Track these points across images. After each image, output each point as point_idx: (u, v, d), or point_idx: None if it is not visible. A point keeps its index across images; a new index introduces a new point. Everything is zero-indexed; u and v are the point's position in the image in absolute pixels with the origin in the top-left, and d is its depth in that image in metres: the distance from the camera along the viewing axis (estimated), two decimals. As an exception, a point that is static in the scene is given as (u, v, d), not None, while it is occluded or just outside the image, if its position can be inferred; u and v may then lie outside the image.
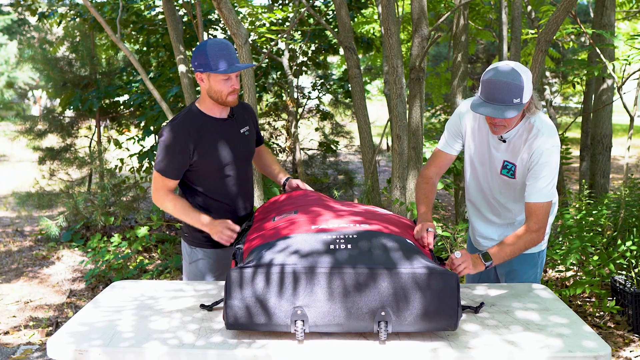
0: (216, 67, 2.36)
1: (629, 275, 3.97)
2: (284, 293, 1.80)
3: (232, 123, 2.56)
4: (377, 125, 8.79)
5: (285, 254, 1.87)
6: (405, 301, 1.78)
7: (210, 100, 2.48)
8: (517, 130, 2.35)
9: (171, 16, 5.15)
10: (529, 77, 2.21)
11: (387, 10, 4.06)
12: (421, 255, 1.89)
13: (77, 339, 1.88)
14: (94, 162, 6.46)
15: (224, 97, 2.43)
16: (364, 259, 1.82)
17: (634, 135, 14.84)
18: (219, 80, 2.40)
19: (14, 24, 24.16)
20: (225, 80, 2.40)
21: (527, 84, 2.18)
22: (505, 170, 2.42)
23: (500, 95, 2.16)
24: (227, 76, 2.39)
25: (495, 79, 2.17)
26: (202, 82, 2.44)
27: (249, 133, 2.62)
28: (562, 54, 9.68)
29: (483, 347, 1.80)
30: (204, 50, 2.37)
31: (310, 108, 8.04)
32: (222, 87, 2.41)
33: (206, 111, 2.51)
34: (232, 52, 2.40)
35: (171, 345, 1.83)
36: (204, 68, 2.38)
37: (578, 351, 1.78)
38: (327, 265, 1.80)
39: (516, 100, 2.16)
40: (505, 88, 2.15)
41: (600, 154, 5.90)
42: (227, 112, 2.55)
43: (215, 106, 2.50)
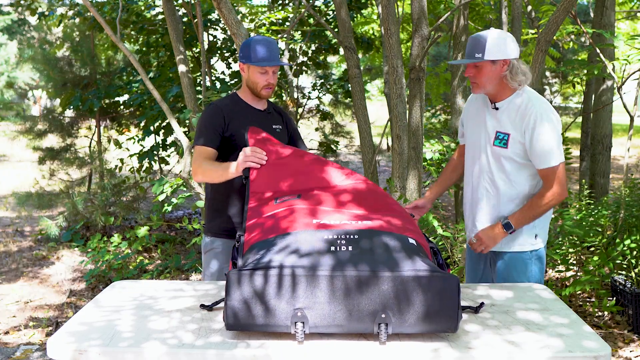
0: (256, 60, 2.58)
1: (629, 275, 3.97)
2: (283, 295, 1.79)
3: (266, 116, 2.74)
4: (377, 125, 8.78)
5: (285, 253, 1.86)
6: (406, 303, 1.78)
7: (248, 90, 2.69)
8: (510, 98, 2.52)
9: (171, 16, 5.15)
10: (496, 39, 2.43)
11: (387, 10, 4.06)
12: (422, 256, 1.88)
13: (77, 339, 1.88)
14: (94, 162, 6.47)
15: (259, 89, 2.64)
16: (366, 260, 1.82)
17: (634, 135, 14.84)
18: (257, 72, 2.61)
19: (14, 24, 24.16)
20: (262, 74, 2.61)
21: (491, 43, 2.42)
22: (497, 140, 2.54)
23: (468, 49, 2.49)
24: (264, 69, 2.60)
25: (471, 37, 2.50)
26: (243, 72, 2.67)
27: (280, 131, 2.77)
28: (562, 54, 9.68)
29: (484, 347, 1.80)
30: (249, 43, 2.60)
31: (310, 108, 8.04)
32: (259, 79, 2.62)
33: (244, 99, 2.72)
34: (274, 49, 2.61)
35: (170, 345, 1.82)
36: (246, 59, 2.59)
37: (578, 351, 1.78)
38: (328, 268, 1.79)
39: (478, 54, 2.43)
40: (471, 42, 2.47)
41: (600, 154, 5.90)
42: (264, 106, 2.75)
43: (252, 96, 2.71)
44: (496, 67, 2.46)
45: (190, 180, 4.39)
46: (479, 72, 2.48)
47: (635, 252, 3.98)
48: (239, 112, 2.66)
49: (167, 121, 6.02)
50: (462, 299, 2.16)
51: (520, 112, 2.47)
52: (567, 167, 9.34)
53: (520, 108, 2.47)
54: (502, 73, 2.48)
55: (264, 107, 2.75)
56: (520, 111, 2.47)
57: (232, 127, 2.61)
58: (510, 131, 2.49)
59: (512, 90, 2.51)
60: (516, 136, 2.47)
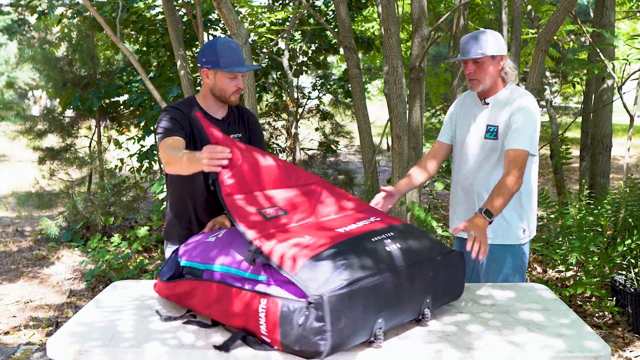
0: (225, 65, 2.40)
1: (629, 275, 3.97)
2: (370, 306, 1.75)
3: (224, 126, 2.55)
4: (377, 125, 8.79)
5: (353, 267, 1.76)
6: (441, 282, 1.98)
7: (212, 97, 2.50)
8: (500, 93, 2.62)
9: (171, 16, 5.15)
10: (495, 37, 2.55)
11: (387, 10, 4.06)
12: (434, 238, 2.09)
13: (77, 339, 1.88)
14: (94, 162, 6.46)
15: (228, 96, 2.47)
16: (411, 253, 1.92)
17: (634, 135, 14.84)
18: (225, 78, 2.44)
19: (14, 24, 24.16)
20: (232, 79, 2.44)
21: (489, 40, 2.53)
22: (488, 134, 2.63)
23: (467, 47, 2.56)
24: (233, 75, 2.43)
25: (465, 36, 2.58)
26: (207, 78, 2.46)
27: (238, 140, 2.53)
28: (562, 53, 9.68)
29: (485, 348, 1.81)
30: (214, 47, 2.41)
31: (310, 108, 8.04)
32: (228, 85, 2.45)
33: (205, 107, 2.53)
34: (241, 53, 2.45)
35: (171, 346, 1.82)
36: (212, 65, 2.41)
37: (578, 351, 1.78)
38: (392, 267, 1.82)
39: (480, 50, 2.52)
40: (471, 41, 2.54)
41: (600, 154, 5.90)
42: (225, 114, 2.57)
43: (215, 104, 2.52)
44: (495, 63, 2.57)
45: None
46: (479, 68, 2.56)
47: (635, 252, 3.98)
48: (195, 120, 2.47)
49: (167, 121, 6.01)
50: (461, 300, 2.18)
51: (507, 102, 2.59)
52: (567, 167, 9.29)
53: (509, 99, 2.60)
54: (499, 68, 2.59)
55: (223, 115, 2.55)
56: (508, 102, 2.59)
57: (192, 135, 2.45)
58: (499, 123, 2.59)
59: (501, 86, 2.63)
60: (503, 125, 2.58)
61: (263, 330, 1.76)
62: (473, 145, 2.67)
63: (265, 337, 1.76)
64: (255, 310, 1.76)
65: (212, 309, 1.91)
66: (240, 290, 1.82)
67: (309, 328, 1.66)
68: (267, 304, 1.74)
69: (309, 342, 1.67)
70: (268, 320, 1.74)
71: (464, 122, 2.73)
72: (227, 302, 1.86)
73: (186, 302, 2.02)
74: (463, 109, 2.77)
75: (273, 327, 1.73)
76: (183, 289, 2.01)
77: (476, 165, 2.66)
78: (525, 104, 2.55)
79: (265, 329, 1.75)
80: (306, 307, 1.67)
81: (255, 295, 1.78)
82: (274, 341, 1.75)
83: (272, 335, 1.74)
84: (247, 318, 1.79)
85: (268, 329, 1.74)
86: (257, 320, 1.76)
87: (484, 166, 2.65)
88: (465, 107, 2.76)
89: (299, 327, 1.68)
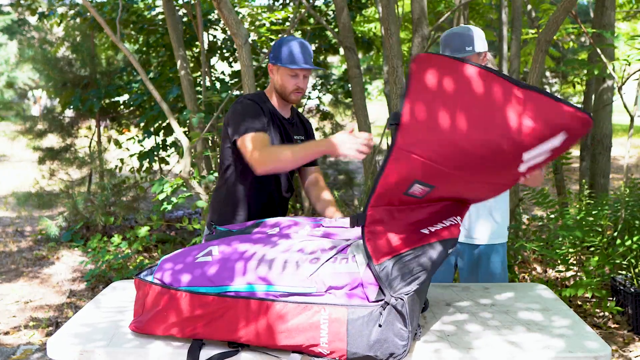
0: (286, 61, 2.42)
1: (629, 275, 3.97)
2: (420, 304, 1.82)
3: (290, 126, 2.57)
4: (377, 125, 8.77)
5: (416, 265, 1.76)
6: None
7: (276, 94, 2.53)
8: None
9: (171, 16, 5.15)
10: (479, 32, 2.55)
11: (387, 10, 4.06)
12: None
13: (78, 339, 1.88)
14: (94, 162, 6.46)
15: (287, 93, 2.48)
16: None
17: (634, 135, 14.84)
18: (286, 74, 2.45)
19: (14, 24, 24.15)
20: (292, 77, 2.45)
21: (476, 36, 2.51)
22: None
23: (454, 44, 2.50)
24: (294, 72, 2.44)
25: (449, 33, 2.54)
26: (272, 73, 2.50)
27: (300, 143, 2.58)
28: (562, 53, 9.67)
29: (485, 348, 1.81)
30: (281, 42, 2.45)
31: (310, 108, 8.03)
32: (288, 82, 2.46)
33: (272, 102, 2.55)
34: (307, 53, 2.45)
35: (174, 346, 1.82)
36: (275, 60, 2.45)
37: (579, 351, 1.78)
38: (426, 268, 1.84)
39: (468, 48, 2.49)
40: (457, 38, 2.50)
41: (600, 154, 5.90)
42: (289, 114, 2.58)
43: (280, 101, 2.54)
44: (481, 60, 2.56)
45: (190, 180, 4.39)
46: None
47: (635, 252, 3.98)
48: (268, 115, 2.47)
49: (167, 121, 6.02)
50: (460, 299, 2.18)
51: None
52: (567, 167, 9.33)
53: None
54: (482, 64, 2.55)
55: (288, 115, 2.57)
56: None
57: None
58: None
59: None
60: None
61: (324, 343, 1.69)
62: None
63: (325, 349, 1.70)
64: (316, 323, 1.69)
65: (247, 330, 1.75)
66: (297, 304, 1.71)
67: (388, 330, 1.66)
68: (329, 314, 1.69)
69: (386, 344, 1.66)
70: (331, 331, 1.68)
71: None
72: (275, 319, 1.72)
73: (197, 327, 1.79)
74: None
75: (337, 337, 1.68)
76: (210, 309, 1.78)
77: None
78: None
79: (327, 340, 1.69)
80: (382, 309, 1.66)
81: (314, 307, 1.70)
82: (337, 351, 1.69)
83: (335, 346, 1.69)
84: (305, 332, 1.70)
85: (330, 340, 1.68)
86: (317, 333, 1.69)
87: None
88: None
89: (374, 331, 1.66)
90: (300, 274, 1.76)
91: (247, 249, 1.89)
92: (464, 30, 2.54)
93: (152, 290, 1.86)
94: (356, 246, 1.87)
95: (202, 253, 1.91)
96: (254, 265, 1.81)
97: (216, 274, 1.82)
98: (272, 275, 1.77)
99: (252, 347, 1.80)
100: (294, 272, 1.77)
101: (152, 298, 1.86)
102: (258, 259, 1.84)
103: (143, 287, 1.90)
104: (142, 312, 1.89)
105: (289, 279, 1.75)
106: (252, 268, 1.81)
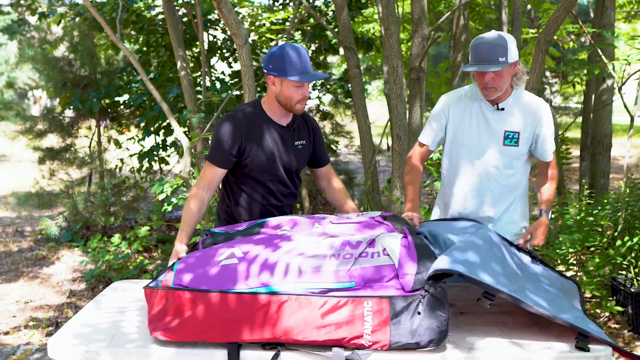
0: (292, 74, 2.35)
1: (629, 275, 3.97)
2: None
3: (289, 133, 2.53)
4: (377, 125, 8.77)
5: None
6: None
7: (277, 104, 2.47)
8: (512, 98, 2.56)
9: (171, 16, 5.15)
10: (513, 42, 2.44)
11: (387, 10, 4.06)
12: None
13: (78, 339, 1.87)
14: (94, 162, 6.46)
15: (293, 104, 2.43)
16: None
17: (634, 135, 14.84)
18: (292, 86, 2.39)
19: (14, 24, 24.14)
20: (298, 87, 2.39)
21: (511, 45, 2.41)
22: (507, 140, 2.56)
23: (487, 55, 2.38)
24: (300, 84, 2.38)
25: (481, 42, 2.41)
26: (274, 85, 2.42)
27: (302, 147, 2.58)
28: (563, 53, 9.67)
29: (487, 348, 1.81)
30: (282, 54, 2.36)
31: (310, 108, 8.03)
32: (294, 93, 2.40)
33: (269, 112, 2.50)
34: (307, 60, 2.40)
35: (175, 346, 1.82)
36: (279, 72, 2.37)
37: (579, 351, 1.78)
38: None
39: (502, 58, 2.37)
40: (491, 48, 2.38)
41: (600, 154, 5.90)
42: (289, 121, 2.54)
43: (279, 110, 2.49)
44: (512, 69, 2.47)
45: (190, 180, 4.39)
46: (498, 76, 2.43)
47: (635, 252, 3.98)
48: (258, 129, 2.46)
49: (167, 121, 6.02)
50: (462, 299, 2.18)
51: (527, 110, 2.55)
52: (567, 167, 9.32)
53: (527, 106, 2.55)
54: (513, 73, 2.51)
55: (287, 122, 2.53)
56: (527, 109, 2.55)
57: (249, 147, 2.44)
58: (519, 129, 2.54)
59: (510, 89, 2.56)
60: (525, 133, 2.54)
61: (367, 334, 1.76)
62: (490, 152, 2.57)
63: (368, 340, 1.77)
64: (359, 316, 1.76)
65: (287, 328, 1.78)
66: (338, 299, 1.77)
67: (428, 318, 1.75)
68: (372, 306, 1.76)
69: (427, 331, 1.75)
70: (374, 323, 1.76)
71: (471, 126, 2.59)
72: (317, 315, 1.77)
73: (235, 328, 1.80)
74: (463, 111, 2.61)
75: (380, 328, 1.76)
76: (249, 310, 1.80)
77: (497, 171, 2.58)
78: (544, 110, 2.55)
79: (371, 331, 1.76)
80: (422, 298, 1.76)
81: (355, 300, 1.77)
82: (380, 342, 1.77)
83: (377, 337, 1.77)
84: (348, 326, 1.76)
85: (374, 331, 1.76)
86: (360, 326, 1.76)
87: (504, 173, 2.59)
88: (469, 111, 2.60)
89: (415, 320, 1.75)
90: (336, 270, 1.83)
91: (274, 249, 1.93)
92: (497, 39, 2.40)
93: (174, 296, 1.84)
94: (385, 238, 1.94)
95: (224, 256, 1.93)
96: (287, 264, 1.86)
97: (248, 275, 1.84)
98: (308, 273, 1.83)
99: (289, 347, 1.80)
100: (330, 269, 1.83)
101: (176, 304, 1.83)
102: (290, 258, 1.88)
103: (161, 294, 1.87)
104: (162, 318, 1.85)
105: (326, 276, 1.82)
106: (285, 267, 1.85)
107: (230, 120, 2.45)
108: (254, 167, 2.46)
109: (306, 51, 2.43)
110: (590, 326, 1.84)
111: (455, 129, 2.63)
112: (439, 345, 1.76)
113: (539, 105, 2.55)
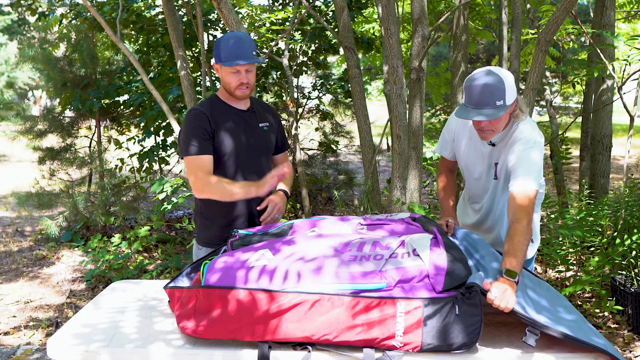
0: (224, 59, 2.42)
1: (629, 275, 3.97)
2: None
3: (251, 115, 2.59)
4: (377, 125, 8.78)
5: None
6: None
7: (225, 91, 2.54)
8: (505, 132, 2.37)
9: (171, 16, 5.15)
10: (511, 80, 2.23)
11: (387, 10, 4.06)
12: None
13: (78, 339, 1.87)
14: (94, 162, 6.46)
15: (232, 89, 2.48)
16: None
17: (634, 135, 14.84)
18: (228, 72, 2.45)
19: (14, 24, 24.14)
20: (234, 73, 2.45)
21: (508, 86, 2.19)
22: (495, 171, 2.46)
23: (483, 99, 2.17)
24: (235, 69, 2.43)
25: (476, 83, 2.18)
26: (217, 72, 2.50)
27: (267, 129, 2.64)
28: (562, 53, 9.67)
29: (487, 348, 1.81)
30: (219, 41, 2.45)
31: (310, 108, 8.03)
32: (232, 79, 2.46)
33: (226, 100, 2.56)
34: (245, 47, 2.42)
35: (177, 346, 1.82)
36: (217, 58, 2.45)
37: (579, 351, 1.78)
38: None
39: (499, 102, 2.17)
40: (487, 91, 2.16)
41: (600, 154, 5.90)
42: (248, 105, 2.60)
43: (231, 96, 2.55)
44: (510, 109, 2.27)
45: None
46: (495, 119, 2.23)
47: (635, 252, 3.98)
48: (221, 115, 2.51)
49: (167, 121, 6.02)
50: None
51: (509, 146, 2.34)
52: (567, 167, 9.29)
53: (512, 139, 2.34)
54: (511, 112, 2.32)
55: (246, 107, 2.58)
56: (511, 141, 2.33)
57: (217, 132, 2.47)
58: (500, 162, 2.41)
59: (508, 123, 2.36)
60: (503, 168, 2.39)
61: (399, 335, 1.76)
62: (485, 182, 2.52)
63: (399, 342, 1.77)
64: (392, 317, 1.76)
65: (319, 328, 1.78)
66: (370, 299, 1.78)
67: (462, 320, 1.74)
68: (405, 307, 1.76)
69: (461, 333, 1.75)
70: (407, 324, 1.75)
71: (472, 152, 2.51)
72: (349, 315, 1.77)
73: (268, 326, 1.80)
74: (464, 132, 2.52)
75: (412, 329, 1.75)
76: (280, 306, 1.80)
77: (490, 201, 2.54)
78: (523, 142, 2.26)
79: (402, 333, 1.76)
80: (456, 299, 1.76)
81: (387, 301, 1.77)
82: (411, 343, 1.76)
83: (409, 339, 1.76)
84: (380, 326, 1.77)
85: (405, 332, 1.76)
86: (393, 326, 1.76)
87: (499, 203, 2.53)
88: (469, 134, 2.50)
89: (448, 321, 1.74)
90: (367, 271, 1.83)
91: (305, 250, 1.94)
92: (493, 80, 2.18)
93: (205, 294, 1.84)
94: (414, 239, 1.95)
95: (255, 257, 1.94)
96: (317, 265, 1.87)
97: (278, 275, 1.85)
98: (340, 273, 1.83)
99: (319, 347, 1.80)
100: (361, 270, 1.84)
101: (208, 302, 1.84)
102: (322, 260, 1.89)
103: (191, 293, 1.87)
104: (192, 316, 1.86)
105: (357, 277, 1.82)
106: (316, 268, 1.86)
107: (193, 112, 2.49)
108: (225, 152, 2.48)
109: (249, 38, 2.46)
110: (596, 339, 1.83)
111: (457, 147, 2.59)
112: (470, 348, 1.75)
113: (520, 137, 2.29)
